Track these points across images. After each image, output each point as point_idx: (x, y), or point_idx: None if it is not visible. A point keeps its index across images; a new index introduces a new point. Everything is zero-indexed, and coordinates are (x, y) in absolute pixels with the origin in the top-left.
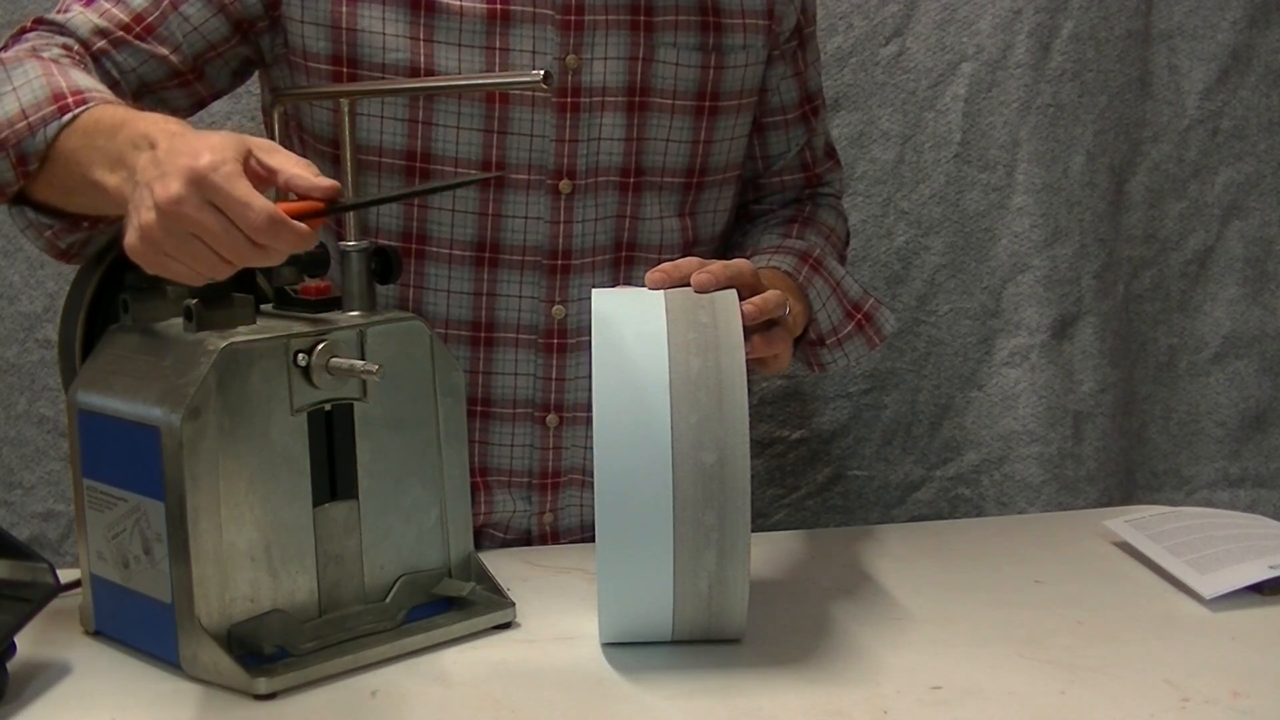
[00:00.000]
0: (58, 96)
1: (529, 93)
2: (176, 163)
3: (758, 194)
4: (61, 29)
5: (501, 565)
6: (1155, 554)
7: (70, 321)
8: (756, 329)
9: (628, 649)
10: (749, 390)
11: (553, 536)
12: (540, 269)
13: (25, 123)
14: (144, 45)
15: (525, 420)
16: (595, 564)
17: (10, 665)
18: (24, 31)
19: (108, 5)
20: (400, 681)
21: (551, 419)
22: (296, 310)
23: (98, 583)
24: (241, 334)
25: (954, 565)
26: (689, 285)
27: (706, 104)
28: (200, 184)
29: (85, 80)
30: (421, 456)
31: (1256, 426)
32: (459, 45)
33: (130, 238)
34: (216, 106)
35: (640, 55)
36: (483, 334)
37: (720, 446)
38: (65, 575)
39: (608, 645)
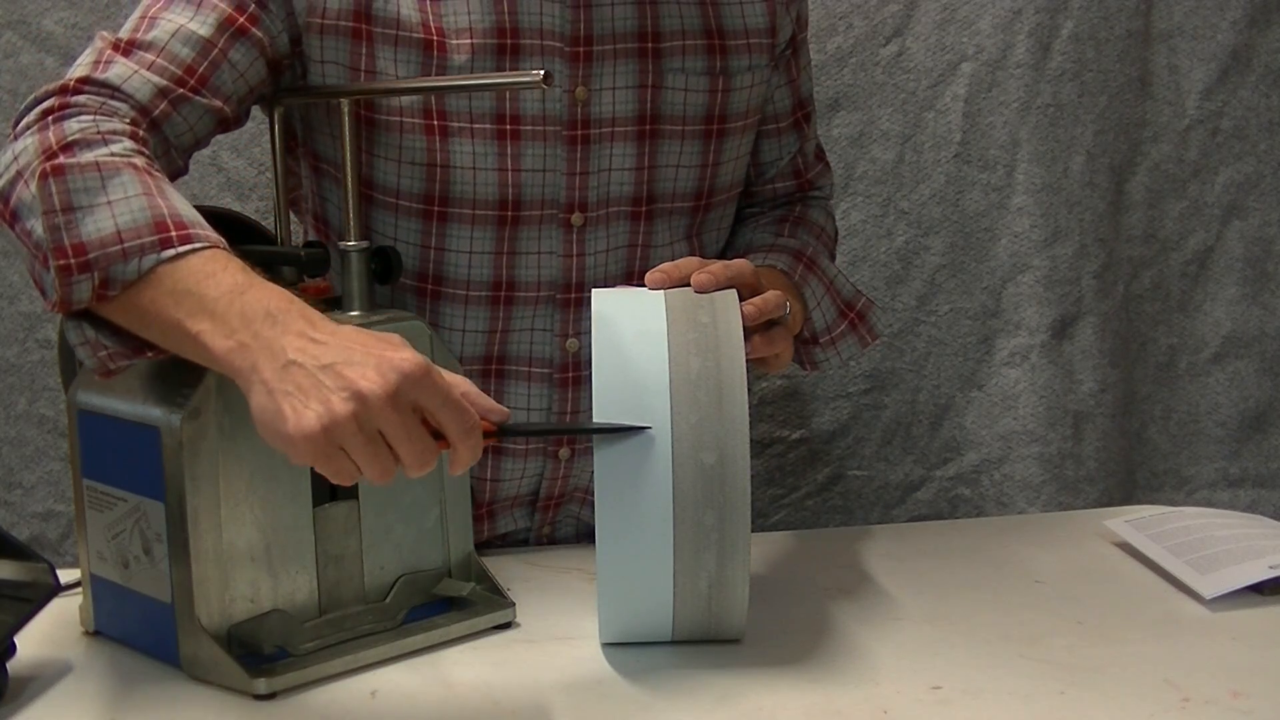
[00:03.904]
0: (159, 226)
1: (540, 128)
2: (382, 355)
3: (749, 200)
4: (116, 92)
5: (501, 565)
6: (1155, 554)
7: None
8: (757, 329)
9: (628, 649)
10: (748, 390)
11: (549, 544)
12: (554, 303)
13: (119, 247)
14: (200, 99)
15: (537, 455)
16: (595, 564)
17: (10, 665)
18: (68, 92)
19: (152, 57)
20: (400, 681)
21: (564, 452)
22: None
23: (98, 583)
24: None
25: (954, 565)
26: (689, 285)
27: (715, 127)
28: (417, 382)
29: (187, 210)
30: None
31: (1256, 426)
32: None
33: (306, 423)
34: None
35: (649, 83)
36: (494, 367)
37: (720, 446)
38: (65, 575)
39: (608, 645)
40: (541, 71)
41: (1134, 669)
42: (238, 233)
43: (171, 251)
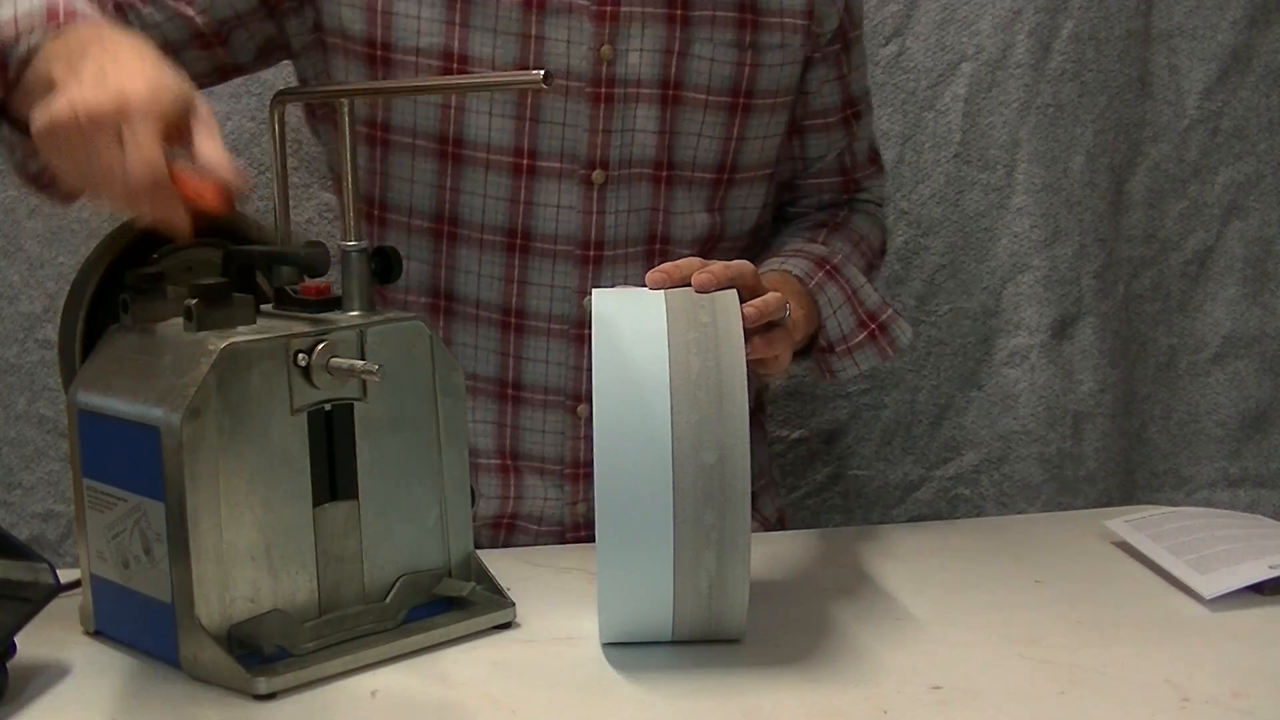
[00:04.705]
0: (52, 14)
1: (561, 83)
2: (119, 77)
3: (794, 195)
4: None
5: (501, 565)
6: (1155, 554)
7: (70, 321)
8: (757, 330)
9: (628, 649)
10: (749, 391)
11: (586, 526)
12: (572, 259)
13: (14, 32)
14: (170, 2)
15: (556, 408)
16: (595, 564)
17: (10, 665)
18: None
19: None
20: (400, 681)
21: (583, 409)
22: (296, 310)
23: (98, 583)
24: (241, 334)
25: (954, 565)
26: (689, 285)
27: (741, 101)
28: (122, 113)
29: (86, 6)
30: (421, 456)
31: (1256, 426)
32: (495, 31)
33: (40, 117)
34: (216, 106)
35: (675, 49)
36: (513, 319)
37: (720, 446)
38: (65, 575)
39: (608, 645)
40: (541, 72)
41: (1134, 669)
42: (238, 233)
43: (56, 28)
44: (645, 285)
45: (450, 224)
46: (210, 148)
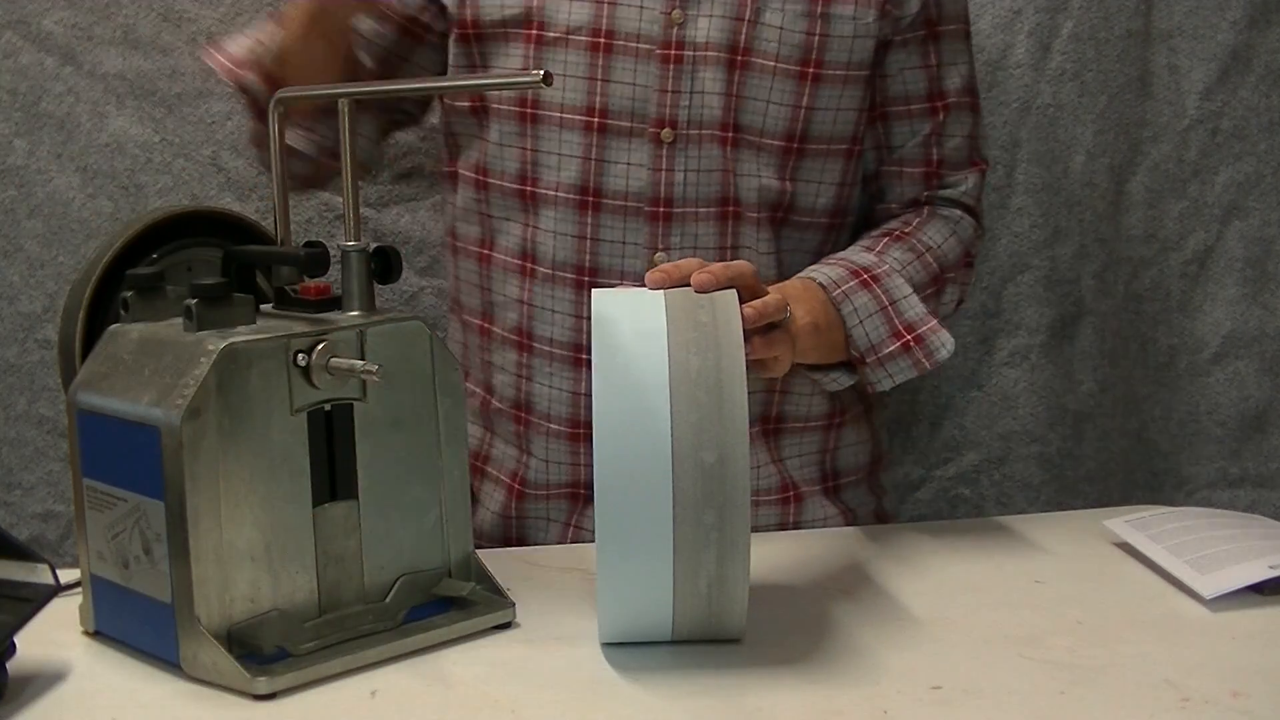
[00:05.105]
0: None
1: (634, 44)
2: None
3: (879, 187)
4: None
5: (501, 565)
6: (1155, 554)
7: (70, 321)
8: (756, 331)
9: (628, 649)
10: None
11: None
12: (643, 215)
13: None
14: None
15: (564, 363)
16: (595, 564)
17: (10, 665)
18: None
19: None
20: (400, 681)
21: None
22: (296, 310)
23: (98, 583)
24: (241, 334)
25: (954, 565)
26: (689, 285)
27: (810, 70)
28: None
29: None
30: (421, 456)
31: (1256, 426)
32: None
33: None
34: (217, 106)
35: (745, 16)
36: (586, 278)
37: (720, 446)
38: (65, 575)
39: (608, 645)
40: (541, 72)
41: (1134, 669)
42: (238, 233)
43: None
44: (645, 285)
45: (531, 184)
46: None
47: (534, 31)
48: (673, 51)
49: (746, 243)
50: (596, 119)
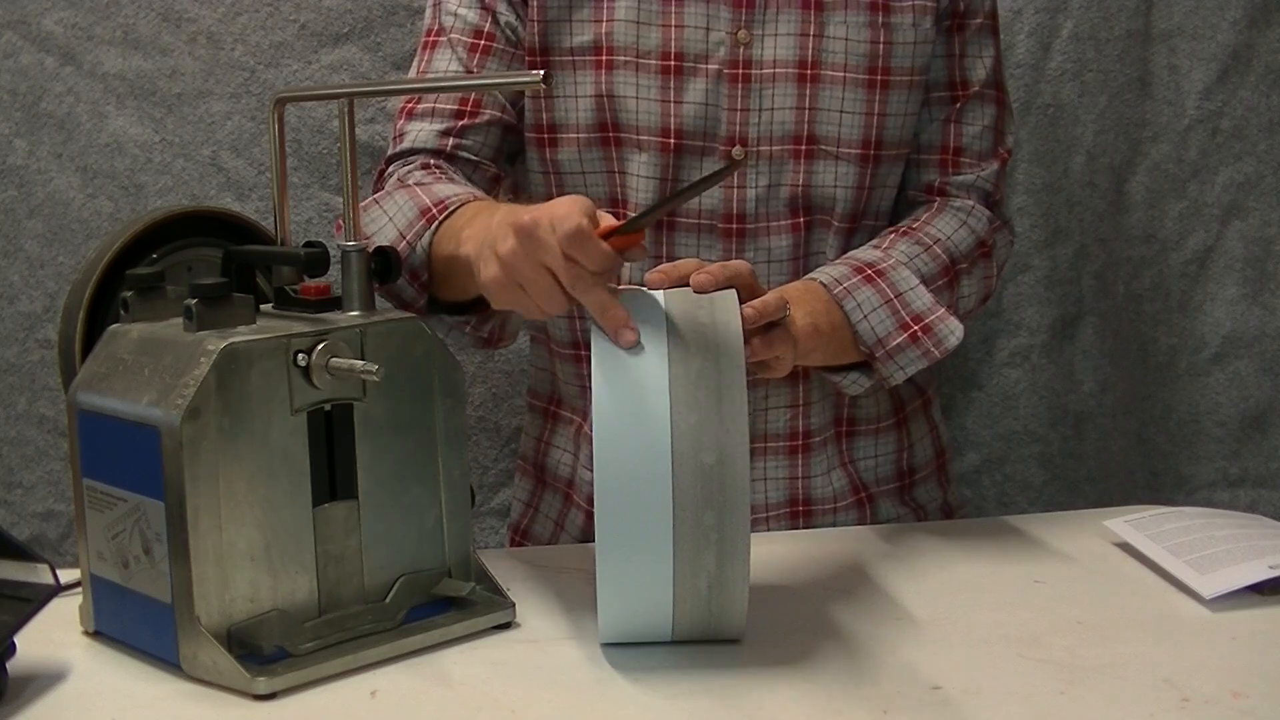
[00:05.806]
0: (424, 212)
1: (703, 65)
2: (509, 221)
3: (904, 175)
4: (410, 152)
5: (501, 565)
6: (1155, 554)
7: (70, 321)
8: (756, 331)
9: (628, 649)
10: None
11: None
12: (716, 232)
13: (405, 243)
14: (480, 120)
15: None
16: (595, 564)
17: (10, 665)
18: (381, 175)
19: (431, 103)
20: (400, 681)
21: None
22: (296, 310)
23: (98, 583)
24: (241, 334)
25: (954, 565)
26: (688, 285)
27: (879, 78)
28: (527, 235)
29: (447, 190)
30: (421, 456)
31: (1256, 426)
32: (637, 23)
33: (484, 275)
34: (217, 106)
35: (811, 32)
36: None
37: (720, 446)
38: (65, 575)
39: (608, 645)
40: (540, 73)
41: (1134, 669)
42: (238, 233)
43: (436, 223)
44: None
45: (621, 205)
46: (611, 219)
47: (604, 57)
48: (740, 71)
49: (818, 249)
50: (673, 139)
